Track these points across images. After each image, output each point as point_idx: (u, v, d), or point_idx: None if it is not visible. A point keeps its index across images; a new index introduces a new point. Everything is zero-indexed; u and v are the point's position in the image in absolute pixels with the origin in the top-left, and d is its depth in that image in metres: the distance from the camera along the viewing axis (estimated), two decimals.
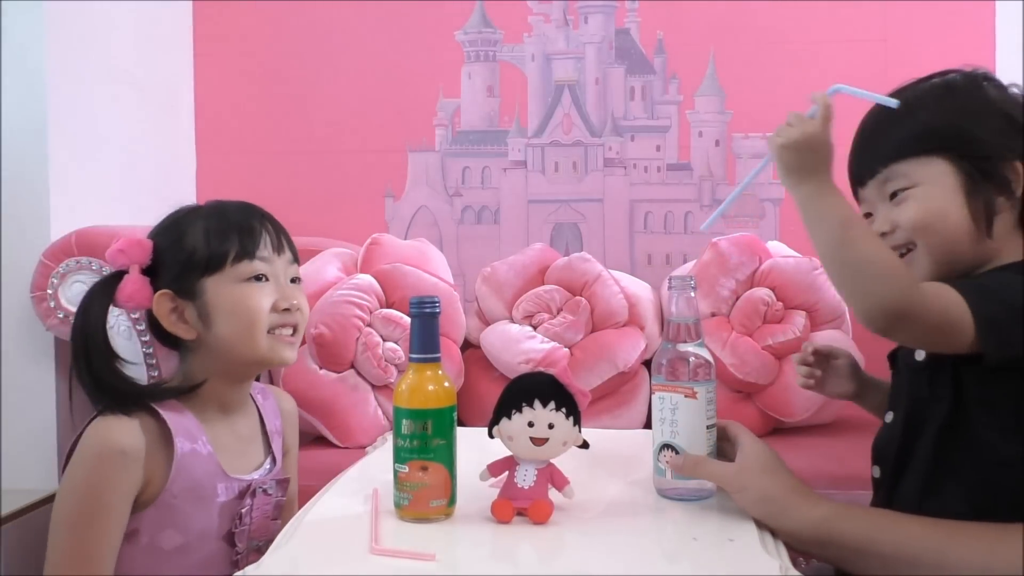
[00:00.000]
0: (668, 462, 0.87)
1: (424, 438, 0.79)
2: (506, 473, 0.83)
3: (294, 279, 1.05)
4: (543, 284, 1.75)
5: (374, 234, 1.77)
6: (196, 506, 0.96)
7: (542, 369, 1.34)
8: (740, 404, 1.69)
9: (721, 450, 0.90)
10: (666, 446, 0.88)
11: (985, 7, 1.96)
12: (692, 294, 0.90)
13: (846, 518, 0.79)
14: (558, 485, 0.83)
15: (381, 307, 1.64)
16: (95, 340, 0.96)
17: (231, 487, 0.99)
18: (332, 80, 2.12)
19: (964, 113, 0.87)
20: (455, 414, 0.82)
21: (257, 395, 1.11)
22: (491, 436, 0.83)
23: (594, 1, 2.10)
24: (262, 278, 1.00)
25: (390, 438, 0.85)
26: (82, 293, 1.01)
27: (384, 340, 1.62)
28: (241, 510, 0.99)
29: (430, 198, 2.12)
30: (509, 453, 0.83)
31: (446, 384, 0.82)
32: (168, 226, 1.03)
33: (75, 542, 0.91)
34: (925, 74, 0.93)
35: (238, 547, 0.99)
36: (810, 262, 1.69)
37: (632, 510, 0.87)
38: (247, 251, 1.00)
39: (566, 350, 1.68)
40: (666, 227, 2.08)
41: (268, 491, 1.02)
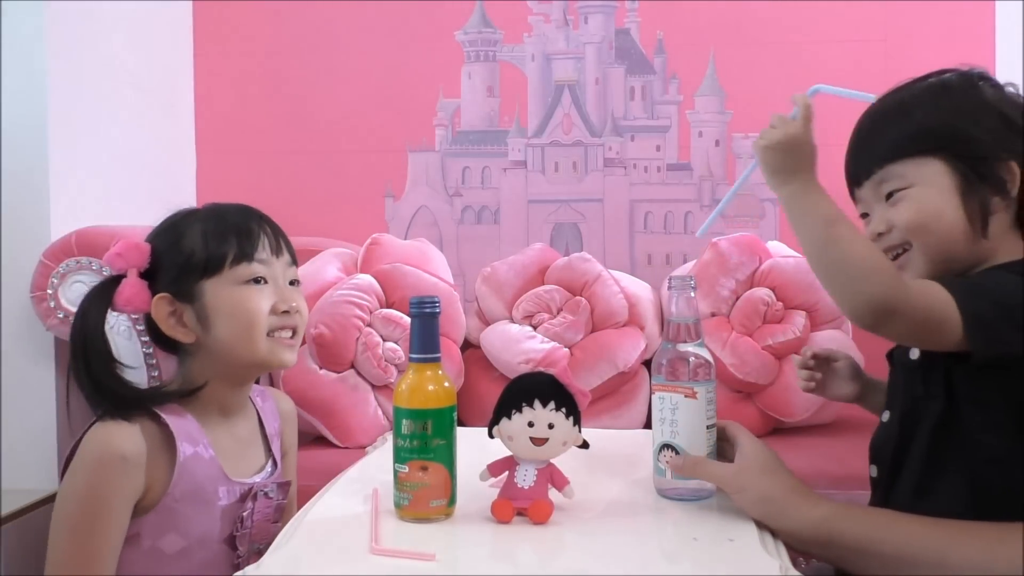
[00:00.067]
0: (668, 462, 0.87)
1: (424, 438, 0.79)
2: (506, 473, 0.83)
3: (293, 281, 1.05)
4: (543, 284, 1.75)
5: (374, 234, 1.77)
6: (198, 510, 0.96)
7: (542, 369, 1.34)
8: (740, 404, 1.69)
9: (720, 450, 0.90)
10: (666, 446, 0.88)
11: (985, 7, 1.96)
12: (692, 294, 0.90)
13: (846, 518, 0.79)
14: (558, 485, 0.83)
15: (381, 307, 1.64)
16: (94, 345, 0.96)
17: (232, 490, 0.98)
18: (332, 80, 2.12)
19: (959, 113, 0.87)
20: (455, 414, 0.82)
21: (256, 397, 1.10)
22: (491, 436, 0.83)
23: (594, 1, 2.10)
24: (261, 280, 1.00)
25: (390, 438, 0.85)
26: (82, 293, 1.01)
27: (384, 340, 1.62)
28: (242, 513, 0.98)
29: (430, 198, 2.12)
30: (509, 453, 0.83)
31: (446, 384, 0.81)
32: (166, 229, 1.03)
33: (76, 547, 0.91)
34: (925, 74, 0.93)
35: (239, 550, 0.99)
36: None
37: (632, 510, 0.87)
38: (245, 253, 0.99)
39: (566, 350, 1.68)
40: (666, 227, 2.08)
41: (269, 494, 1.01)
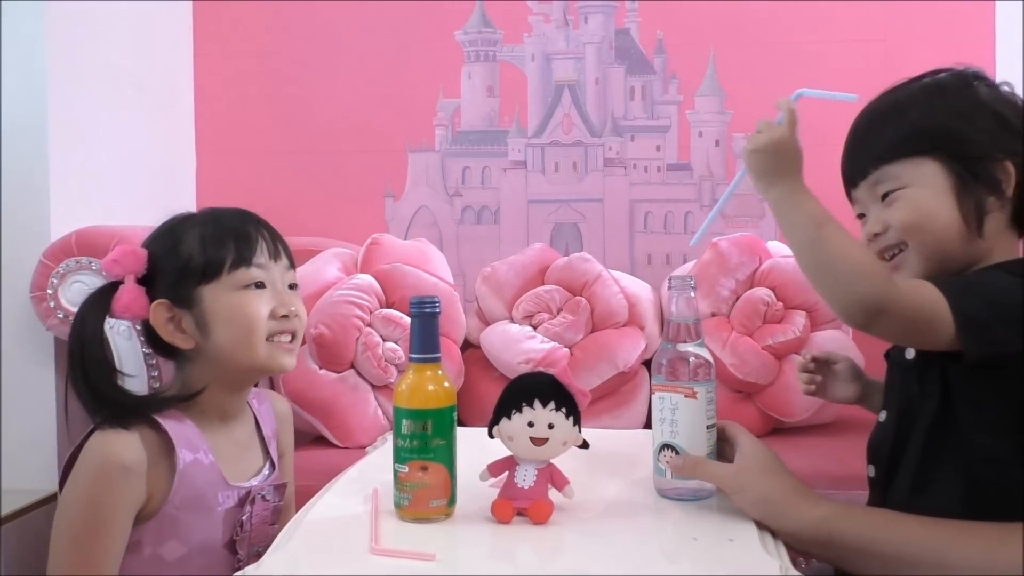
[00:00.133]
0: (668, 462, 0.87)
1: (424, 438, 0.79)
2: (506, 473, 0.83)
3: (291, 285, 1.04)
4: (543, 284, 1.75)
5: (374, 234, 1.77)
6: (198, 516, 0.95)
7: (542, 369, 1.34)
8: (740, 404, 1.69)
9: (720, 450, 0.90)
10: (666, 446, 0.88)
11: (985, 7, 1.96)
12: (692, 294, 0.90)
13: (846, 518, 0.79)
14: (558, 485, 0.82)
15: (381, 307, 1.64)
16: (92, 353, 0.95)
17: (231, 495, 0.98)
18: (332, 80, 2.12)
19: (954, 113, 0.87)
20: (455, 414, 0.82)
21: (252, 400, 1.10)
22: (491, 436, 0.83)
23: (594, 1, 2.10)
24: (259, 285, 0.99)
25: (390, 438, 0.85)
26: (82, 293, 1.00)
27: (384, 340, 1.62)
28: (242, 517, 0.98)
29: (430, 198, 2.12)
30: (509, 453, 0.83)
31: (446, 384, 0.81)
32: (162, 234, 1.02)
33: (77, 556, 0.90)
34: (920, 74, 0.92)
35: (239, 554, 0.99)
36: None
37: (632, 510, 0.87)
38: (243, 258, 0.99)
39: (566, 350, 1.68)
40: (666, 227, 2.08)
41: (267, 497, 1.01)
